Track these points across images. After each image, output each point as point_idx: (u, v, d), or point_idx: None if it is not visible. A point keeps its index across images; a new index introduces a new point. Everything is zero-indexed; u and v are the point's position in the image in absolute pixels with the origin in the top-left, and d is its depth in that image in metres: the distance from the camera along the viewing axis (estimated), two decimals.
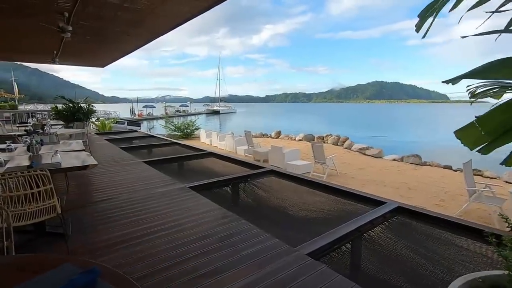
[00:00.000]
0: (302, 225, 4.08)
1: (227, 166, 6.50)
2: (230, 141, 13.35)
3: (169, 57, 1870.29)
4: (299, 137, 17.70)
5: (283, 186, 5.18)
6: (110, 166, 5.54)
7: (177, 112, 53.87)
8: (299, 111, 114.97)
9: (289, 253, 2.40)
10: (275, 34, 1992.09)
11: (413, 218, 3.47)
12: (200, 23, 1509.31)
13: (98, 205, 3.52)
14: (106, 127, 14.95)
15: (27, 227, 2.59)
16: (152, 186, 4.25)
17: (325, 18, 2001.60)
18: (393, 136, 24.48)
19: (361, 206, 3.91)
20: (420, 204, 5.94)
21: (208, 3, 4.70)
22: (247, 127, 16.86)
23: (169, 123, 20.14)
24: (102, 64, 11.99)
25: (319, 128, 28.97)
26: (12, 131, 8.74)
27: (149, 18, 5.45)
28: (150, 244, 2.52)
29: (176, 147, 8.84)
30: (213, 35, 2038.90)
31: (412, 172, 9.29)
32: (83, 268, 0.97)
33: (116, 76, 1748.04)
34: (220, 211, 3.33)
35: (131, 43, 7.83)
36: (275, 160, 9.67)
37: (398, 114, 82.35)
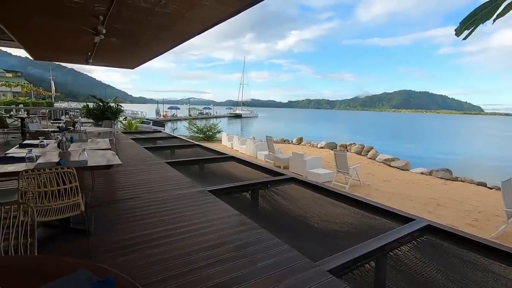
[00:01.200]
0: (323, 238, 3.92)
1: (247, 171, 6.45)
2: (251, 146, 13.34)
3: (196, 60, 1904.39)
4: (321, 145, 17.37)
5: (303, 195, 5.04)
6: (134, 165, 5.67)
7: (200, 115, 54.99)
8: (322, 117, 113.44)
9: (309, 268, 2.28)
10: (301, 40, 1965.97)
11: (444, 239, 3.22)
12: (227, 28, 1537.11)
13: (120, 203, 3.58)
14: (132, 127, 15.48)
15: (53, 222, 2.68)
16: (173, 188, 4.28)
17: (353, 24, 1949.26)
18: (421, 148, 23.38)
19: (387, 221, 3.69)
20: (450, 223, 5.56)
21: (236, 8, 4.72)
22: (269, 132, 16.81)
23: (192, 125, 20.53)
24: (132, 65, 12.47)
25: (342, 136, 28.33)
26: (47, 126, 9.25)
27: (178, 22, 5.57)
28: (165, 247, 2.49)
29: (198, 149, 8.94)
30: (239, 40, 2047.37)
31: (442, 187, 8.76)
32: (98, 275, 0.94)
33: (145, 78, 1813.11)
34: (239, 217, 3.27)
35: (160, 46, 8.06)
36: (296, 167, 9.51)
37: (426, 125, 78.84)
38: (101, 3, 4.64)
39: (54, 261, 1.15)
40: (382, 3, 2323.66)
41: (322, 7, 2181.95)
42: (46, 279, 0.98)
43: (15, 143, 5.50)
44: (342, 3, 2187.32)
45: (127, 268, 2.17)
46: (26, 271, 1.06)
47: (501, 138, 39.94)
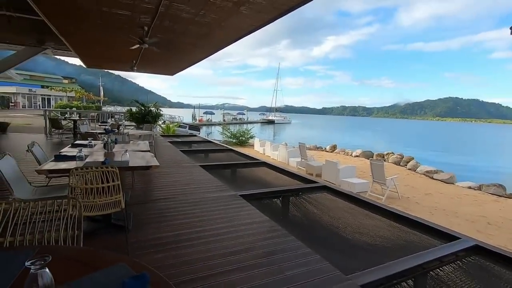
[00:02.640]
0: (356, 251, 3.75)
1: (279, 177, 6.42)
2: (283, 152, 13.27)
3: (232, 67, 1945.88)
4: (356, 153, 16.75)
5: (336, 204, 4.88)
6: (170, 167, 5.93)
7: (233, 120, 56.07)
8: (357, 125, 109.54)
9: (339, 282, 2.20)
10: (338, 46, 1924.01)
11: (495, 261, 2.91)
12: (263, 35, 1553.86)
13: (156, 203, 3.76)
14: (170, 130, 16.25)
15: (97, 217, 2.89)
16: (205, 190, 4.40)
17: (393, 29, 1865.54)
18: (469, 160, 21.47)
19: (427, 238, 3.44)
20: (504, 245, 5.01)
21: (272, 16, 4.78)
22: (301, 139, 16.61)
23: (226, 129, 21.01)
24: (172, 72, 13.15)
25: (379, 145, 27.06)
26: (95, 128, 10.07)
27: (216, 30, 5.78)
28: (195, 249, 2.55)
29: (231, 154, 9.11)
30: (274, 47, 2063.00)
31: (493, 205, 7.94)
32: (136, 270, 1.00)
33: (183, 84, 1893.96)
34: (268, 223, 3.25)
35: (198, 54, 8.41)
36: (329, 176, 9.26)
37: (475, 135, 72.33)
38: (146, 14, 4.97)
39: (98, 254, 1.24)
40: (425, 6, 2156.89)
41: (362, 12, 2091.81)
42: (90, 269, 1.06)
43: (68, 143, 6.05)
44: (382, 8, 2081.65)
45: (155, 266, 2.26)
46: (74, 260, 1.16)
47: None
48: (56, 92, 38.11)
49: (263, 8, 4.53)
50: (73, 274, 1.03)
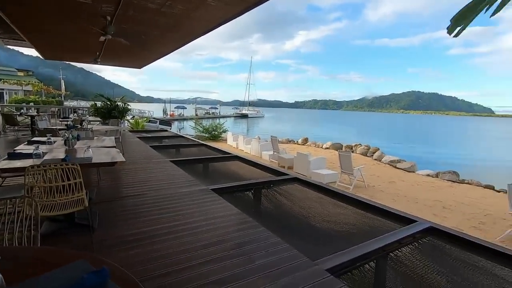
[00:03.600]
0: (324, 238, 3.92)
1: (251, 170, 6.48)
2: (256, 146, 13.37)
3: (203, 60, 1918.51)
4: (326, 145, 17.30)
5: (306, 195, 5.05)
6: (139, 163, 5.75)
7: (206, 114, 55.28)
8: (328, 118, 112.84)
9: (307, 267, 2.30)
10: (308, 40, 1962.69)
11: (447, 241, 3.19)
12: (234, 28, 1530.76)
13: (125, 200, 3.65)
14: (139, 125, 15.66)
15: (58, 217, 2.75)
16: (177, 186, 4.34)
17: (361, 24, 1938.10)
18: (428, 150, 23.07)
19: (388, 223, 3.68)
20: (455, 226, 5.49)
21: (240, 8, 4.76)
22: (274, 132, 16.82)
23: (198, 124, 20.68)
24: (139, 65, 12.63)
25: (347, 137, 28.15)
26: (56, 124, 9.44)
27: (185, 22, 5.64)
28: (166, 244, 2.54)
29: (203, 148, 9.01)
30: (246, 40, 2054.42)
31: (448, 190, 8.65)
32: (97, 266, 0.98)
33: (152, 77, 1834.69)
34: (240, 216, 3.30)
35: (167, 46, 8.16)
36: (300, 168, 9.50)
37: (434, 126, 77.74)
38: (108, 3, 4.73)
39: (56, 252, 1.20)
40: (391, 3, 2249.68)
41: (331, 7, 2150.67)
42: (47, 267, 1.03)
43: (24, 141, 5.63)
44: (350, 3, 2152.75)
45: (129, 262, 2.22)
46: (29, 260, 1.11)
47: (509, 140, 39.14)
48: (10, 85, 34.94)
49: (231, 1, 4.49)
50: (29, 274, 0.99)
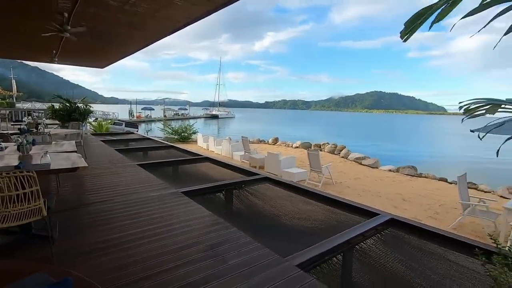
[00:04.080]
0: (295, 235, 4.03)
1: (222, 172, 6.46)
2: (227, 146, 13.32)
3: (171, 60, 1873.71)
4: (296, 145, 17.71)
5: (277, 194, 5.14)
6: (104, 168, 5.48)
7: (175, 115, 53.92)
8: (297, 118, 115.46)
9: (278, 264, 2.36)
10: (277, 41, 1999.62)
11: (406, 231, 3.44)
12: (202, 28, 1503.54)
13: (90, 207, 3.47)
14: (103, 128, 14.88)
15: (13, 228, 2.54)
16: (146, 190, 4.20)
17: (327, 27, 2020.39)
18: (389, 146, 24.56)
19: (353, 217, 3.87)
20: (414, 216, 5.92)
21: (207, 9, 4.74)
22: (245, 133, 16.86)
23: (167, 126, 20.10)
24: (102, 65, 12.00)
25: (316, 136, 29.04)
26: (7, 129, 8.66)
27: (150, 21, 5.48)
28: (136, 250, 2.47)
29: (172, 151, 8.80)
30: (215, 40, 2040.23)
31: (408, 184, 9.29)
32: (57, 277, 0.94)
33: (116, 77, 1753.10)
34: (211, 217, 3.29)
35: (131, 45, 7.85)
36: (271, 167, 9.64)
37: (394, 124, 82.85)
38: None
39: (13, 265, 1.12)
40: (354, 7, 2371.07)
41: (298, 9, 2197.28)
42: (4, 284, 0.96)
43: None
44: (316, 6, 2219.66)
45: (97, 271, 2.13)
46: None
47: (459, 136, 42.93)
48: None
49: (198, 1, 4.45)
50: None
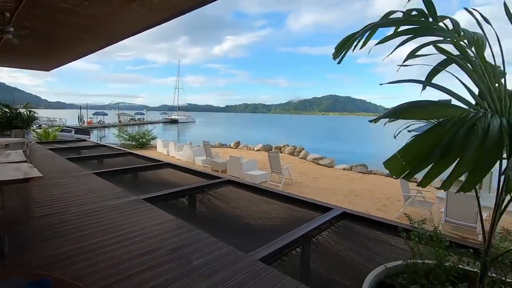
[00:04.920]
0: (258, 233, 4.23)
1: (184, 176, 6.44)
2: (188, 152, 13.16)
3: (126, 62, 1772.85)
4: (257, 147, 18.08)
5: (240, 196, 5.30)
6: (55, 178, 5.15)
7: (131, 121, 51.34)
8: (258, 121, 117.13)
9: (241, 260, 2.52)
10: (237, 45, 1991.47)
11: (356, 222, 3.83)
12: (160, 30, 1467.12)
13: (43, 220, 3.28)
14: (49, 136, 13.70)
15: None
16: (103, 199, 4.07)
17: (285, 33, 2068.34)
18: (344, 146, 26.26)
19: (310, 212, 4.19)
20: (365, 210, 6.50)
21: (165, 15, 4.77)
22: (206, 137, 16.78)
23: (123, 132, 19.16)
24: (48, 67, 11.13)
25: (277, 138, 29.86)
26: None
27: (104, 25, 5.32)
28: (95, 260, 2.43)
29: (130, 158, 8.48)
30: (173, 43, 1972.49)
31: (360, 180, 10.10)
32: (33, 279, 0.99)
33: (63, 80, 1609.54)
34: (175, 222, 3.33)
35: (83, 48, 7.47)
36: (233, 170, 9.78)
37: (348, 126, 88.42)
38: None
39: None
40: (309, 15, 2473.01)
41: (257, 15, 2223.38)
42: None
43: None
44: (274, 12, 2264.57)
45: None
46: None
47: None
48: None
49: (155, 7, 4.47)
50: None
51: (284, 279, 2.26)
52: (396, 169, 0.65)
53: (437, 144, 0.57)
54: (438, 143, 0.57)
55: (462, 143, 0.54)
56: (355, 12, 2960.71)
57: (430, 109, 0.61)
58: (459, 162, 0.55)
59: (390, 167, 0.66)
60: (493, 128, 0.53)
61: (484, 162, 0.52)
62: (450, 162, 0.57)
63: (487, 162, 0.53)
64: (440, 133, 0.58)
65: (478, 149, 0.52)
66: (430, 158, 0.59)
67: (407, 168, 0.64)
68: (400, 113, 0.63)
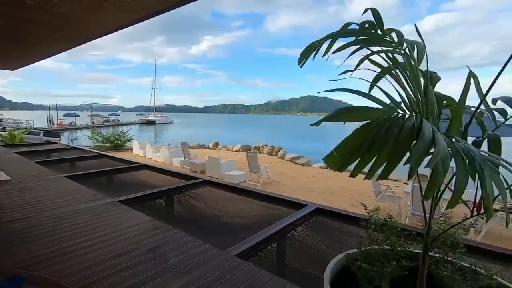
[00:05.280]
0: (236, 231, 4.31)
1: (162, 178, 6.39)
2: (166, 153, 12.96)
3: (99, 61, 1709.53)
4: (236, 148, 18.14)
5: (219, 196, 5.35)
6: (24, 183, 4.94)
7: (105, 122, 49.52)
8: (238, 122, 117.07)
9: (218, 256, 2.59)
10: (215, 46, 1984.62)
11: (329, 217, 4.01)
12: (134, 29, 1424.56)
13: (10, 225, 3.16)
14: (16, 139, 12.97)
15: None
16: (77, 202, 3.98)
17: (263, 34, 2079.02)
18: (320, 145, 26.94)
19: (287, 210, 4.33)
20: (340, 206, 6.77)
21: (139, 16, 4.73)
22: (185, 138, 16.58)
23: (96, 133, 18.49)
24: (12, 66, 10.53)
25: (255, 139, 30.07)
26: None
27: (75, 24, 5.18)
28: (70, 262, 2.41)
29: (105, 160, 8.25)
30: (149, 42, 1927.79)
31: (335, 178, 10.45)
32: (5, 276, 1.02)
33: (30, 80, 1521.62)
34: (152, 223, 3.34)
35: (51, 47, 7.18)
36: (212, 171, 9.79)
37: (325, 126, 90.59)
38: None
39: None
40: (286, 17, 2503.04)
41: (234, 16, 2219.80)
42: None
43: None
44: (252, 14, 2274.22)
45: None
46: None
47: None
48: None
49: (129, 7, 4.42)
50: None
51: (259, 272, 2.36)
52: (333, 163, 0.76)
53: (364, 141, 0.69)
54: (365, 140, 0.69)
55: (383, 138, 0.67)
56: (331, 15, 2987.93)
57: (362, 112, 0.73)
58: (379, 155, 0.67)
59: (328, 161, 0.78)
60: (407, 126, 0.66)
61: (397, 153, 0.65)
62: (374, 155, 0.70)
63: (400, 153, 0.65)
64: (367, 131, 0.70)
65: (393, 143, 0.64)
66: (358, 153, 0.71)
67: (341, 162, 0.76)
68: (338, 116, 0.74)
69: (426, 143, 0.64)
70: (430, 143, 0.65)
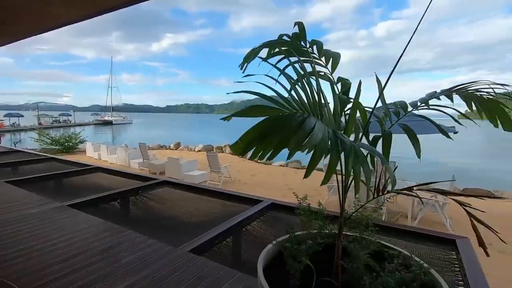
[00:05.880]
0: (193, 229, 4.39)
1: (117, 180, 6.19)
2: (123, 154, 12.45)
3: (46, 56, 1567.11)
4: (198, 148, 17.98)
5: (177, 196, 5.36)
6: None
7: (55, 123, 45.67)
8: (201, 122, 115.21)
9: (171, 253, 2.67)
10: (177, 44, 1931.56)
11: (283, 212, 4.28)
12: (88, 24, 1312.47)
13: None
14: None
15: None
16: (22, 208, 3.76)
17: (227, 33, 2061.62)
18: None
19: (244, 206, 4.51)
20: (295, 201, 7.14)
21: (89, 12, 4.59)
22: (145, 139, 16.02)
23: (44, 135, 17.06)
24: None
25: (219, 139, 29.96)
26: None
27: (20, 17, 4.84)
28: (14, 269, 2.34)
29: (54, 163, 7.72)
30: (105, 38, 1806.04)
31: (294, 175, 10.94)
32: None
33: None
34: (105, 225, 3.30)
35: None
36: (172, 172, 9.66)
37: None
38: None
39: None
40: (248, 18, 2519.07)
41: (197, 14, 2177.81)
42: None
43: None
44: (215, 12, 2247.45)
45: None
46: None
47: None
48: None
49: (77, 2, 4.26)
50: None
51: (211, 265, 2.50)
52: (237, 149, 0.96)
53: (261, 132, 0.91)
54: (262, 131, 0.90)
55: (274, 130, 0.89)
56: (292, 17, 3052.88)
57: (261, 109, 0.94)
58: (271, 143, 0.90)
59: (233, 148, 0.98)
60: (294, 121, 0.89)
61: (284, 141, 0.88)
62: (267, 143, 0.91)
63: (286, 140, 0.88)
64: (264, 125, 0.91)
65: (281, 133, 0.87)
66: (256, 141, 0.92)
67: (243, 148, 0.96)
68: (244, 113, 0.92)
69: (305, 133, 0.87)
70: (308, 133, 0.88)
